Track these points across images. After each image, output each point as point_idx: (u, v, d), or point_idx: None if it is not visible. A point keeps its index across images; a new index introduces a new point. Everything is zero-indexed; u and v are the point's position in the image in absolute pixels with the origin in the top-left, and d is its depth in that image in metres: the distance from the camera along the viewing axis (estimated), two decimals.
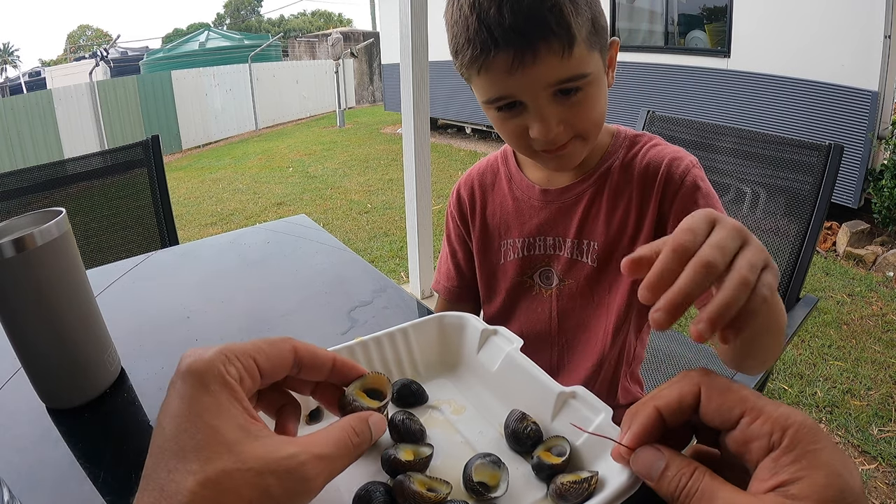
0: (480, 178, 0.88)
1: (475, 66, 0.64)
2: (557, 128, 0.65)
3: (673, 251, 0.34)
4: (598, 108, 0.68)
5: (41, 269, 0.58)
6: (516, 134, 0.69)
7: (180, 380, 0.31)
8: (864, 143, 3.43)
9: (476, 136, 7.42)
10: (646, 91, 4.77)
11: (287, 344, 0.36)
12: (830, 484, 0.27)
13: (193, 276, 0.98)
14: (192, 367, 0.31)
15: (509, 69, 0.62)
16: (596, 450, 0.42)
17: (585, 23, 0.62)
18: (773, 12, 3.83)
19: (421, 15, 2.39)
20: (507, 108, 0.67)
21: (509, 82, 0.63)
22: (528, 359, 0.50)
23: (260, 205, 5.29)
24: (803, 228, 1.21)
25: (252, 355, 0.34)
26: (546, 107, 0.65)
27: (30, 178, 1.36)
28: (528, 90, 0.64)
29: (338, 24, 45.43)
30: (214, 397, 0.30)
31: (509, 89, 0.64)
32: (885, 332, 2.53)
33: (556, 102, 0.65)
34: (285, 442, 0.31)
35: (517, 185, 0.83)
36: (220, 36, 15.63)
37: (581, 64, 0.63)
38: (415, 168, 2.63)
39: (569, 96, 0.65)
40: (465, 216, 0.89)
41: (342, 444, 0.33)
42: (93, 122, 8.58)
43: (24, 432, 0.60)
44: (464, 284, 0.92)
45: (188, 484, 0.27)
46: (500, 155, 0.88)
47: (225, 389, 0.31)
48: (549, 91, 0.64)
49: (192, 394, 0.30)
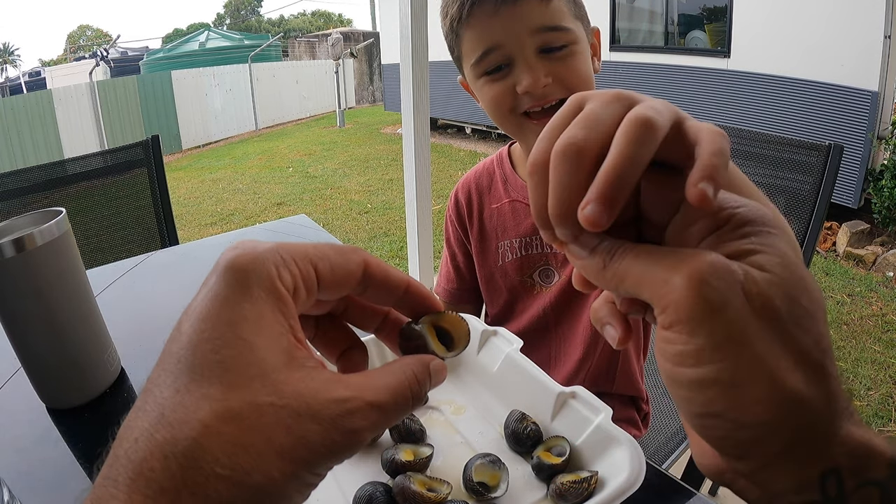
0: (477, 181, 0.89)
1: (462, 14, 0.68)
2: (546, 79, 0.68)
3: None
4: (586, 70, 0.71)
5: (41, 269, 0.58)
6: (503, 97, 0.71)
7: (216, 276, 0.24)
8: (864, 143, 3.43)
9: (476, 136, 7.41)
10: (646, 91, 4.70)
11: (357, 255, 0.28)
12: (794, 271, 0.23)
13: (193, 276, 0.98)
14: (235, 261, 0.24)
15: (493, 12, 0.66)
16: (596, 450, 0.42)
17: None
18: (774, 12, 3.83)
19: (421, 15, 2.39)
20: (495, 72, 0.70)
21: (494, 28, 0.67)
22: (527, 359, 0.50)
23: (260, 205, 5.29)
24: (803, 228, 1.21)
25: (313, 260, 0.26)
26: (533, 59, 0.68)
27: (30, 178, 1.36)
28: (513, 36, 0.67)
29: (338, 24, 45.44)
30: (256, 305, 0.23)
31: (495, 37, 0.68)
32: (885, 332, 2.53)
33: (542, 58, 0.68)
34: (335, 380, 0.24)
35: (512, 187, 0.84)
36: (220, 36, 15.64)
37: (562, 17, 0.68)
38: (415, 168, 2.63)
39: (554, 53, 0.68)
40: (462, 220, 0.90)
41: (401, 393, 0.25)
42: (93, 122, 8.58)
43: (24, 432, 0.60)
44: (464, 287, 0.93)
45: (201, 413, 0.20)
46: (496, 158, 0.89)
47: (272, 298, 0.24)
48: (535, 42, 0.67)
49: (229, 295, 0.23)
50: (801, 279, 0.23)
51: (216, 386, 0.21)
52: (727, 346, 0.22)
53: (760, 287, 0.22)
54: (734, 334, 0.22)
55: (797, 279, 0.23)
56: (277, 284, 0.24)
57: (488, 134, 7.24)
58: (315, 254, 0.26)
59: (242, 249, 0.24)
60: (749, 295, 0.22)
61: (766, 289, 0.22)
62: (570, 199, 0.23)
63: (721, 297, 0.21)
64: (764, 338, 0.22)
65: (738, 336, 0.22)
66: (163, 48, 17.61)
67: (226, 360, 0.22)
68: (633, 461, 0.38)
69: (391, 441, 0.45)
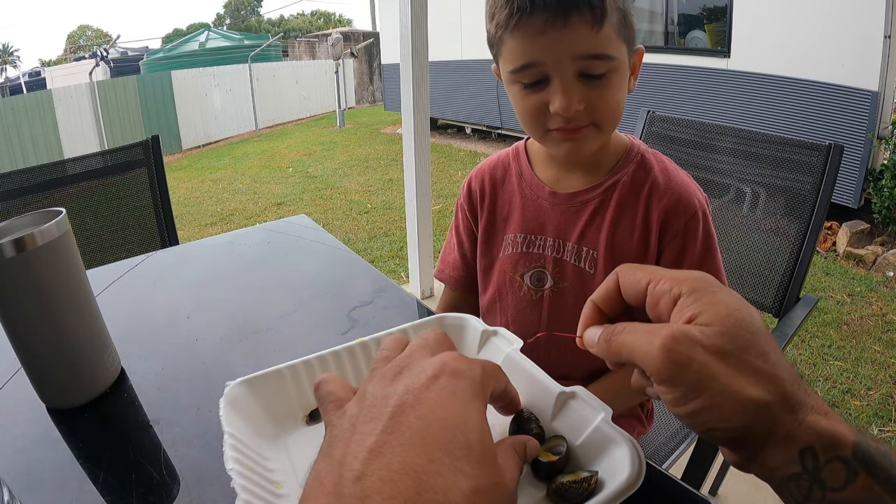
0: (491, 171, 0.89)
1: (509, 23, 0.66)
2: (578, 105, 0.67)
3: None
4: (619, 99, 0.70)
5: (41, 269, 0.58)
6: (535, 110, 0.70)
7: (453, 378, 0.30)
8: (864, 143, 3.43)
9: (476, 136, 7.41)
10: (646, 91, 4.76)
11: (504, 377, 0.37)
12: (731, 314, 0.32)
13: (193, 276, 0.98)
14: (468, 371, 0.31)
15: (540, 30, 0.64)
16: (596, 450, 0.42)
17: (617, 10, 0.65)
18: (773, 12, 3.83)
19: (421, 15, 2.39)
20: (531, 85, 0.69)
21: (538, 46, 0.65)
22: (527, 359, 0.50)
23: (260, 205, 5.29)
24: (803, 228, 1.21)
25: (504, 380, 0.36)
26: (571, 82, 0.66)
27: (30, 178, 1.36)
28: (555, 58, 0.65)
29: (338, 24, 45.41)
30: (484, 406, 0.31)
31: (536, 54, 0.66)
32: (885, 332, 2.53)
33: (580, 82, 0.67)
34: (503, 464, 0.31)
35: (527, 183, 0.85)
36: (219, 36, 15.63)
37: (609, 44, 0.65)
38: (415, 168, 2.63)
39: (593, 80, 0.67)
40: (474, 207, 0.90)
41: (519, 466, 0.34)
42: (93, 122, 8.58)
43: (24, 432, 0.60)
44: (469, 275, 0.94)
45: (462, 484, 0.25)
46: (513, 151, 0.89)
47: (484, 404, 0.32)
48: (576, 66, 0.66)
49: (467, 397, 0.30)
50: (739, 320, 0.32)
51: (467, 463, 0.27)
52: (699, 386, 0.31)
53: (711, 339, 0.31)
54: (702, 378, 0.31)
55: (735, 321, 0.32)
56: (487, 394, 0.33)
57: (488, 134, 7.24)
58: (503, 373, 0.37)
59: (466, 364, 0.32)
60: (705, 346, 0.31)
61: (716, 339, 0.31)
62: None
63: (685, 357, 0.31)
64: (725, 371, 0.31)
65: (705, 377, 0.31)
66: (163, 48, 17.60)
67: (472, 443, 0.28)
68: (634, 461, 0.38)
69: None
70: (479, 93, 6.58)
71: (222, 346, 0.74)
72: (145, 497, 0.50)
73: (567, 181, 0.81)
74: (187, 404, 0.62)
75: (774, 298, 1.22)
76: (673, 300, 0.34)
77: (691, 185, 0.78)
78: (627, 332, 0.35)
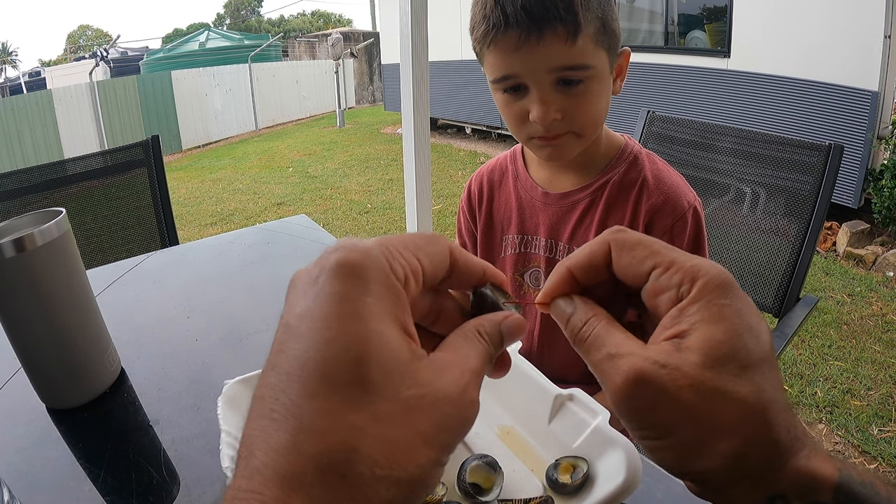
0: (490, 174, 0.91)
1: (486, 40, 0.68)
2: (555, 115, 0.68)
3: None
4: (598, 107, 0.71)
5: (41, 269, 0.58)
6: (518, 118, 0.72)
7: (326, 275, 0.23)
8: (864, 143, 3.43)
9: (476, 136, 7.41)
10: (646, 91, 4.76)
11: (444, 242, 0.28)
12: (725, 342, 0.26)
13: (194, 276, 0.98)
14: (347, 259, 0.23)
15: (516, 47, 0.66)
16: (593, 452, 0.42)
17: (594, 19, 0.66)
18: (774, 12, 3.83)
19: (421, 15, 2.39)
20: (512, 91, 0.71)
21: (514, 60, 0.67)
22: (526, 361, 0.50)
23: (260, 205, 5.29)
24: (803, 228, 1.21)
25: (415, 252, 0.26)
26: (548, 92, 0.68)
27: (30, 178, 1.36)
28: (531, 71, 0.67)
29: (338, 24, 45.41)
30: (377, 300, 0.23)
31: (514, 68, 0.68)
32: (885, 332, 2.53)
33: (557, 90, 0.68)
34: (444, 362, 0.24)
35: (522, 184, 0.86)
36: (220, 36, 15.62)
37: (584, 55, 0.66)
38: (415, 168, 2.63)
39: (570, 87, 0.68)
40: (473, 210, 0.92)
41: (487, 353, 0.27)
42: (93, 122, 8.58)
43: (24, 432, 0.60)
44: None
45: (351, 417, 0.20)
46: (510, 154, 0.90)
47: (388, 292, 0.23)
48: (552, 77, 0.67)
49: (348, 292, 0.22)
50: (734, 349, 0.25)
51: (357, 386, 0.20)
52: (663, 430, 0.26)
53: (688, 373, 0.25)
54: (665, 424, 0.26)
55: (729, 349, 0.25)
56: (392, 278, 0.24)
57: (488, 134, 7.24)
58: (412, 245, 0.26)
59: (350, 247, 0.24)
60: (678, 386, 0.25)
61: (694, 371, 0.25)
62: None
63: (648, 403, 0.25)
64: (696, 413, 0.25)
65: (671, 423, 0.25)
66: (163, 48, 17.59)
67: (361, 356, 0.21)
68: (630, 464, 0.38)
69: None
70: (479, 93, 6.57)
71: (222, 346, 0.74)
72: (145, 497, 0.50)
73: (559, 181, 0.82)
74: (187, 404, 0.62)
75: (774, 298, 1.23)
76: (675, 300, 0.28)
77: (682, 186, 0.78)
78: (597, 340, 0.28)
